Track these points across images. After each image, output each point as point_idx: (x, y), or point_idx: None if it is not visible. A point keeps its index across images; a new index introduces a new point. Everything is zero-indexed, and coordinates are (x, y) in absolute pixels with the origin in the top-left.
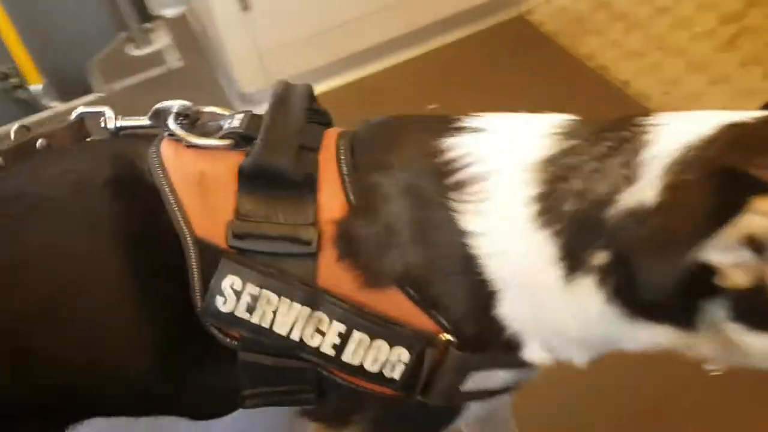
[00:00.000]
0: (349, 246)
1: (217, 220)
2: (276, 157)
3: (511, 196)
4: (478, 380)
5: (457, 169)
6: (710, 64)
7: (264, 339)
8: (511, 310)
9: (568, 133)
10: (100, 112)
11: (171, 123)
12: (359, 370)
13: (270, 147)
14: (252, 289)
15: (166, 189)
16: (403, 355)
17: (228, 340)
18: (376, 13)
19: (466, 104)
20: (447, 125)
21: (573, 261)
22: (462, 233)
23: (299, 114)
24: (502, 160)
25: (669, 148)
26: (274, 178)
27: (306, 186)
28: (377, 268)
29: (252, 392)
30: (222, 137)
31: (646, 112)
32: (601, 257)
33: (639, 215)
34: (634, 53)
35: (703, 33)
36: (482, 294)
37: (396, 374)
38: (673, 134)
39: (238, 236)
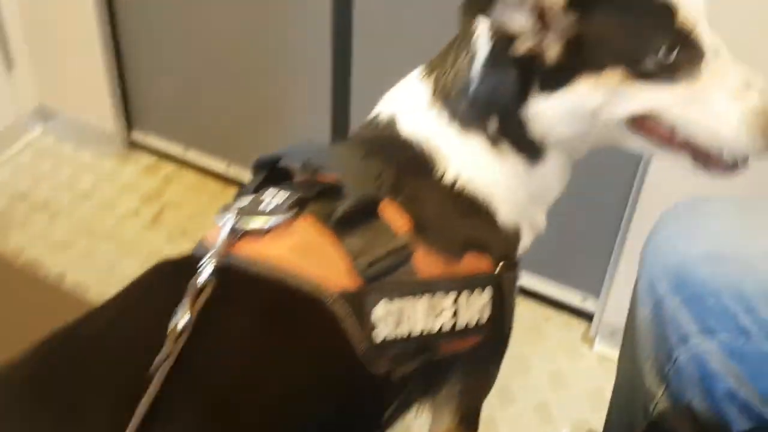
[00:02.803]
0: (427, 238)
1: (340, 269)
2: (366, 192)
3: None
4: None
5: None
6: (140, 243)
7: (409, 347)
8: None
9: None
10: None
11: (233, 224)
12: (466, 331)
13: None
14: (393, 306)
15: (286, 273)
16: (485, 295)
17: (383, 366)
18: None
19: None
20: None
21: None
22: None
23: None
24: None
25: None
26: (362, 214)
27: (375, 210)
28: (449, 244)
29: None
30: (287, 210)
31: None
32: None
33: None
34: (64, 243)
35: (128, 214)
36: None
37: (485, 317)
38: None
39: (363, 271)
